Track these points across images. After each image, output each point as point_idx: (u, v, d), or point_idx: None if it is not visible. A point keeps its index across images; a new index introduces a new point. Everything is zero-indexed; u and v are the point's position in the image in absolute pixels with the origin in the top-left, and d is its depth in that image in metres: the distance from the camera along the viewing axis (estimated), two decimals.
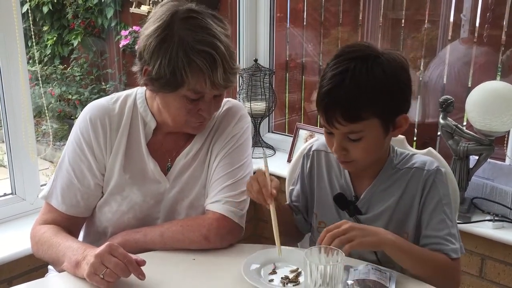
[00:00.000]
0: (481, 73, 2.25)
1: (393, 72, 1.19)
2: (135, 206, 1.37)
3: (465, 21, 2.26)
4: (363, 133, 1.19)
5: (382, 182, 1.31)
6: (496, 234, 1.89)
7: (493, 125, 1.87)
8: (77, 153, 1.37)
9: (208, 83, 1.23)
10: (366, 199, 1.31)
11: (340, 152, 1.23)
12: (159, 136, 1.41)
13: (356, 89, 1.15)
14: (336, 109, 1.16)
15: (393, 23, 2.54)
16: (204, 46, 1.21)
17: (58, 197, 1.37)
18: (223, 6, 2.81)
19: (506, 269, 1.92)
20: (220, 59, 1.22)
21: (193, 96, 1.27)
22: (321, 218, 1.38)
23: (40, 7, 4.72)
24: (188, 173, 1.39)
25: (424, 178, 1.28)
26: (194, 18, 1.24)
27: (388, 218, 1.30)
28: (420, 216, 1.29)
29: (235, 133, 1.42)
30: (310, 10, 2.76)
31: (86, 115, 1.38)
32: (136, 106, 1.40)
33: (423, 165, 1.29)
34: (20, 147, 1.99)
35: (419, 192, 1.28)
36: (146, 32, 1.26)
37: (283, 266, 1.24)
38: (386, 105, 1.19)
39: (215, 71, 1.22)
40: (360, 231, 1.15)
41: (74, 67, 4.79)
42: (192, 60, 1.21)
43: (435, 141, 2.38)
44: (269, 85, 2.67)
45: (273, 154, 2.73)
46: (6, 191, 2.04)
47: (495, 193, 2.01)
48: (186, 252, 1.31)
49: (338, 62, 1.19)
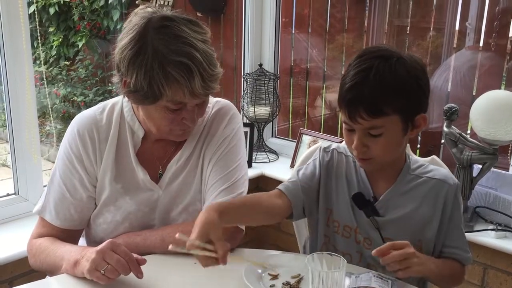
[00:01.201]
0: (486, 81, 2.25)
1: (415, 73, 1.21)
2: (130, 216, 1.37)
3: (471, 30, 2.26)
4: (384, 128, 1.20)
5: (401, 186, 1.32)
6: (499, 244, 1.88)
7: (497, 134, 1.86)
8: (67, 166, 1.36)
9: (186, 93, 1.21)
10: (384, 201, 1.32)
11: (360, 148, 1.23)
12: (148, 144, 1.40)
13: (379, 85, 1.17)
14: (360, 104, 1.18)
15: (398, 30, 2.54)
16: (180, 56, 1.18)
17: (52, 212, 1.37)
18: (229, 11, 2.82)
19: (509, 279, 1.92)
20: (196, 69, 1.19)
21: (174, 107, 1.25)
22: (336, 217, 1.36)
23: (46, 8, 4.74)
24: (180, 179, 1.38)
25: (446, 192, 1.30)
26: (167, 27, 1.21)
27: (405, 224, 1.30)
28: (442, 227, 1.31)
29: (227, 135, 1.40)
30: (315, 15, 2.77)
31: (74, 128, 1.37)
32: (123, 115, 1.38)
33: (445, 178, 1.32)
34: (24, 148, 1.99)
35: (440, 205, 1.30)
36: (121, 44, 1.23)
37: (285, 271, 1.23)
38: (407, 102, 1.21)
39: (193, 81, 1.19)
40: (418, 259, 1.17)
41: (79, 68, 4.81)
42: (168, 72, 1.18)
43: (438, 149, 2.38)
44: (273, 90, 2.67)
45: (276, 159, 2.73)
46: (9, 191, 2.04)
47: (498, 203, 2.00)
48: (187, 256, 1.30)
49: (361, 61, 1.21)
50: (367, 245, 1.32)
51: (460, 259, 1.33)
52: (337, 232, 1.34)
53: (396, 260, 1.13)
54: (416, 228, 1.31)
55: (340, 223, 1.35)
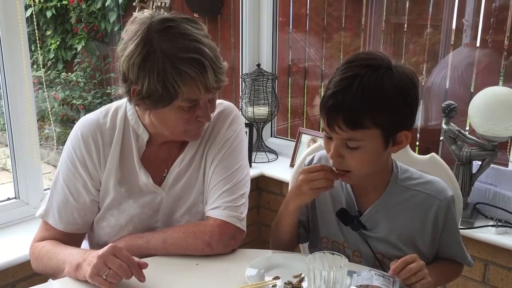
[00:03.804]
0: (484, 77, 2.26)
1: (403, 87, 1.16)
2: (134, 219, 1.37)
3: (467, 26, 2.27)
4: (362, 142, 1.16)
5: (389, 198, 1.29)
6: (499, 240, 1.89)
7: (496, 131, 1.87)
8: (71, 170, 1.36)
9: (202, 89, 1.22)
10: (371, 214, 1.30)
11: (336, 159, 1.20)
12: (153, 147, 1.40)
13: (362, 96, 1.12)
14: (339, 113, 1.14)
15: (395, 28, 2.54)
16: (190, 53, 1.19)
17: (55, 215, 1.37)
18: (226, 12, 2.82)
19: (510, 275, 1.92)
20: (208, 63, 1.20)
21: (188, 105, 1.25)
22: (323, 233, 1.37)
23: (43, 12, 4.74)
24: (183, 181, 1.39)
25: (436, 208, 1.27)
26: (170, 27, 1.21)
27: (395, 238, 1.29)
28: (435, 240, 1.31)
29: (229, 137, 1.40)
30: (312, 15, 2.77)
31: (77, 132, 1.37)
32: (127, 119, 1.38)
33: (435, 194, 1.28)
34: (23, 151, 1.99)
35: (431, 221, 1.28)
36: (126, 52, 1.22)
37: (286, 271, 1.24)
38: (390, 118, 1.16)
39: (206, 75, 1.20)
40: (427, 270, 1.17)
41: (77, 71, 4.80)
42: (181, 70, 1.19)
43: (437, 146, 2.38)
44: (271, 89, 2.67)
45: (275, 159, 2.73)
46: (9, 195, 2.04)
47: (498, 199, 2.01)
48: (189, 257, 1.31)
49: (348, 67, 1.16)
50: (356, 258, 1.32)
51: (462, 261, 1.35)
52: (326, 248, 1.34)
53: (413, 273, 1.14)
54: (408, 241, 1.29)
55: (329, 239, 1.35)
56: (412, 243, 1.30)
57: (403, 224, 1.28)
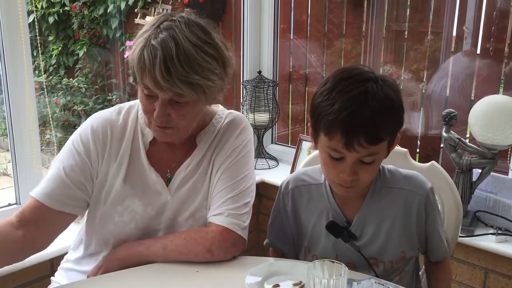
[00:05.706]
0: (484, 85, 2.26)
1: (397, 92, 1.19)
2: (137, 216, 1.37)
3: (468, 34, 2.27)
4: (377, 155, 1.17)
5: (373, 202, 1.30)
6: (499, 248, 1.89)
7: (496, 139, 1.87)
8: (71, 151, 1.37)
9: (149, 79, 1.22)
10: (359, 222, 1.30)
11: (352, 177, 1.18)
12: (158, 146, 1.41)
13: (379, 109, 1.12)
14: (360, 131, 1.11)
15: (396, 35, 2.55)
16: (156, 42, 1.21)
17: (40, 186, 1.34)
18: (227, 18, 2.84)
19: (510, 283, 1.92)
20: (163, 56, 1.19)
21: (145, 91, 1.27)
22: (315, 251, 1.36)
23: (46, 18, 4.75)
24: (189, 185, 1.39)
25: (418, 203, 1.29)
26: (173, 20, 1.25)
27: (383, 240, 1.30)
28: (421, 235, 1.32)
29: (237, 146, 1.41)
30: (313, 21, 2.78)
31: (88, 123, 1.39)
32: (137, 118, 1.41)
33: (415, 189, 1.29)
34: (25, 157, 2.00)
35: (414, 216, 1.30)
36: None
37: (286, 279, 1.23)
38: (396, 124, 1.19)
39: (155, 66, 1.20)
40: None
41: (79, 77, 4.82)
42: (142, 53, 1.22)
43: (438, 154, 2.38)
44: (272, 96, 2.68)
45: (276, 165, 2.73)
46: (10, 200, 2.05)
47: (498, 207, 2.01)
48: (189, 264, 1.31)
49: (350, 84, 1.14)
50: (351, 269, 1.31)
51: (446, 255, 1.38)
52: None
53: None
54: (396, 241, 1.30)
55: (319, 257, 1.34)
56: (401, 239, 1.31)
57: (390, 224, 1.29)
